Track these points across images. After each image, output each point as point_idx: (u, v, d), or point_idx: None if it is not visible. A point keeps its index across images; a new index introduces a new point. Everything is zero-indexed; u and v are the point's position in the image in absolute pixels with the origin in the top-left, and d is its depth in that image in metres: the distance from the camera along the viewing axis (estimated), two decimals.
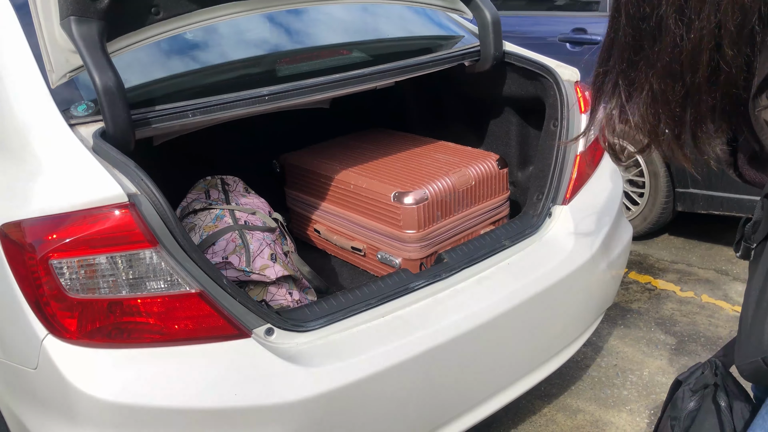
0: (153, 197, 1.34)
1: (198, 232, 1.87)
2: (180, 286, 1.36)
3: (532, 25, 4.10)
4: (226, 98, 1.66)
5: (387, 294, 1.62)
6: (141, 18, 1.56)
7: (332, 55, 2.08)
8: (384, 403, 1.55)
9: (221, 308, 1.39)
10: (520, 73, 2.20)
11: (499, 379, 1.80)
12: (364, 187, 2.09)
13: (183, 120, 1.61)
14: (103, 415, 1.34)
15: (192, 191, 2.10)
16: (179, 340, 1.37)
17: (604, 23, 1.03)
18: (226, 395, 1.36)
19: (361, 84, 1.88)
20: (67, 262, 1.30)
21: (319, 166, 2.28)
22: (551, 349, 1.94)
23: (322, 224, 2.31)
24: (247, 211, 1.98)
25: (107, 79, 1.42)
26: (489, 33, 2.12)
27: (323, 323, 1.52)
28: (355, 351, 1.51)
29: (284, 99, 1.74)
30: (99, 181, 1.34)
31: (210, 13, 1.66)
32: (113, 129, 1.46)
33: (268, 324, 1.45)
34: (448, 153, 2.25)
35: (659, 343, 2.65)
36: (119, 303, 1.34)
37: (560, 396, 2.37)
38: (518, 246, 1.87)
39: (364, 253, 2.15)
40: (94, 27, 1.44)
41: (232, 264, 1.77)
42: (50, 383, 1.36)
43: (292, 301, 1.82)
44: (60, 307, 1.32)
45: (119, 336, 1.35)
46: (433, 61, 2.06)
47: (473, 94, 2.50)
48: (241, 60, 1.98)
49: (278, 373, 1.41)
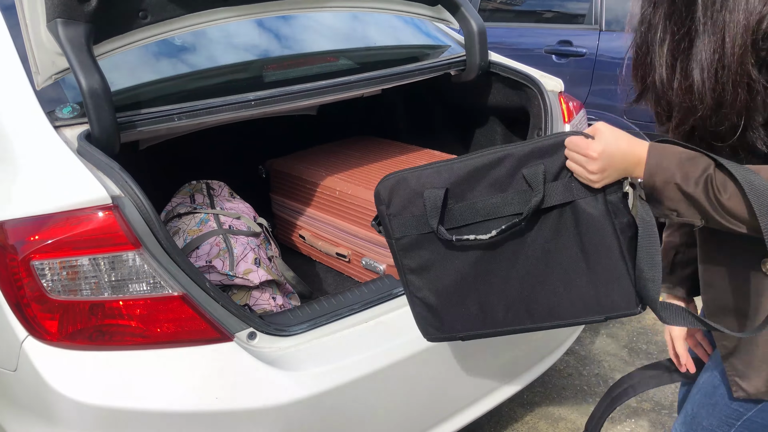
0: (137, 199, 1.34)
1: (182, 236, 1.86)
2: (163, 289, 1.36)
3: (518, 37, 4.15)
4: (213, 103, 1.67)
5: (370, 299, 1.63)
6: (128, 21, 1.56)
7: (319, 61, 2.09)
8: (366, 408, 1.55)
9: (204, 312, 1.39)
10: (505, 83, 2.22)
11: (481, 385, 1.81)
12: (349, 193, 2.10)
13: (169, 124, 1.61)
14: (84, 419, 1.33)
15: (177, 195, 2.10)
16: (161, 343, 1.37)
17: (589, 36, 1.07)
18: (208, 399, 1.36)
19: (348, 91, 1.90)
20: (49, 264, 1.29)
21: (305, 172, 2.29)
22: (533, 356, 1.95)
23: (307, 230, 2.31)
24: (232, 215, 1.99)
25: (93, 82, 1.42)
26: (475, 43, 2.14)
27: (306, 328, 1.53)
28: (338, 356, 1.52)
29: (271, 105, 1.75)
30: (83, 182, 1.33)
31: (198, 18, 1.67)
32: (98, 131, 1.46)
33: (251, 328, 1.45)
34: (434, 161, 2.26)
35: (641, 353, 2.68)
36: (101, 305, 1.34)
37: (542, 404, 2.39)
38: None
39: (348, 259, 2.16)
40: (81, 29, 1.44)
41: (215, 268, 1.77)
42: (30, 386, 1.35)
43: (275, 306, 1.82)
44: (41, 308, 1.32)
45: (101, 338, 1.34)
46: (420, 70, 2.08)
47: (459, 103, 2.52)
48: (229, 65, 1.99)
49: (260, 377, 1.41)
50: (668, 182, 0.99)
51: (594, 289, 1.19)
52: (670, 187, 0.99)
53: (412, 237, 1.27)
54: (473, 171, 1.19)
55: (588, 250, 1.17)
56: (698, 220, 1.00)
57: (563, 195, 1.14)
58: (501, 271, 1.24)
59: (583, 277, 1.19)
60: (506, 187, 1.18)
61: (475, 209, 1.21)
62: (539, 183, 1.14)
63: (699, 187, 0.96)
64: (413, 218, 1.26)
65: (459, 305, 1.30)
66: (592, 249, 1.17)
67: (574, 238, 1.17)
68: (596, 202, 1.12)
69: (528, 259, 1.21)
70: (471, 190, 1.21)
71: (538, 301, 1.23)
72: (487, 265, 1.24)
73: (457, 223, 1.22)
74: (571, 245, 1.18)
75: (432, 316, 1.36)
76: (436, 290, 1.31)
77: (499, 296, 1.25)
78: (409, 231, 1.26)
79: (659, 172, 1.00)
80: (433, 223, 1.22)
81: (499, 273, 1.24)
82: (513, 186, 1.18)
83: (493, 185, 1.19)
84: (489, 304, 1.27)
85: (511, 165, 1.17)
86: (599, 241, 1.15)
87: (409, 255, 1.30)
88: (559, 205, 1.16)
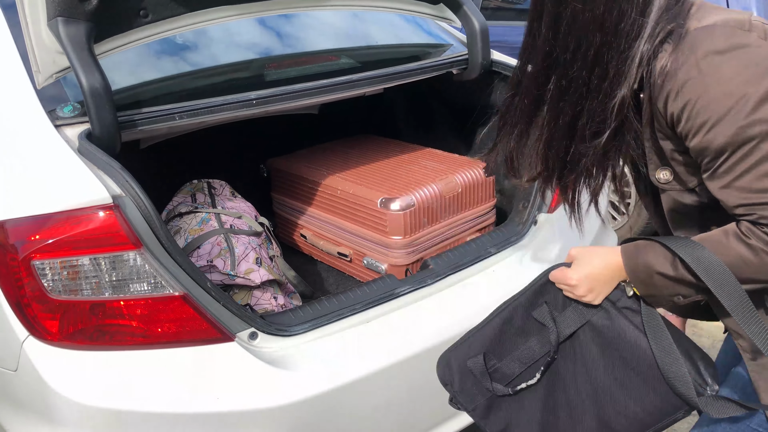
0: (138, 199, 1.33)
1: (183, 236, 1.86)
2: (164, 289, 1.35)
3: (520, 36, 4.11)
4: (214, 102, 1.66)
5: (372, 299, 1.63)
6: (129, 20, 1.56)
7: (321, 60, 2.08)
8: (367, 408, 1.55)
9: (205, 311, 1.38)
10: (507, 82, 2.21)
11: None
12: (351, 192, 2.09)
13: (170, 123, 1.61)
14: (84, 419, 1.33)
15: (178, 194, 2.10)
16: (162, 343, 1.37)
17: None
18: (209, 399, 1.36)
19: (350, 90, 1.89)
20: (50, 263, 1.29)
21: (306, 171, 2.28)
22: None
23: (309, 229, 2.31)
24: (233, 215, 1.98)
25: (94, 81, 1.42)
26: (477, 42, 2.13)
27: (308, 328, 1.52)
28: (339, 356, 1.51)
29: (272, 104, 1.74)
30: (83, 182, 1.33)
31: (198, 16, 1.66)
32: (99, 130, 1.45)
33: (252, 328, 1.44)
34: (436, 160, 2.26)
35: None
36: (102, 305, 1.33)
37: None
38: (504, 253, 1.88)
39: (350, 259, 2.15)
40: (82, 28, 1.44)
41: (216, 267, 1.76)
42: (30, 386, 1.35)
43: (276, 306, 1.81)
44: (42, 308, 1.31)
45: (101, 338, 1.34)
46: (422, 69, 2.07)
47: (461, 102, 2.52)
48: (230, 64, 1.99)
49: (262, 377, 1.41)
50: (651, 275, 1.03)
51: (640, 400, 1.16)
52: (656, 278, 1.03)
53: (481, 404, 1.33)
54: (498, 331, 1.28)
55: (618, 363, 1.17)
56: (701, 296, 1.02)
57: (577, 320, 1.19)
58: (563, 405, 1.26)
59: (624, 390, 1.18)
60: (530, 332, 1.25)
61: (518, 360, 1.27)
62: (549, 320, 1.20)
63: (678, 267, 1.00)
64: (473, 387, 1.32)
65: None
66: (622, 360, 1.16)
67: (603, 356, 1.18)
68: (607, 313, 1.15)
69: (578, 385, 1.23)
70: (504, 346, 1.28)
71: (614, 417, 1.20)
72: (550, 405, 1.28)
73: (509, 378, 1.29)
74: (604, 363, 1.19)
75: None
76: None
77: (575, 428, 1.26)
78: (477, 400, 1.33)
79: (640, 270, 1.05)
80: (487, 384, 1.29)
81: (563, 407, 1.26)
82: (533, 328, 1.24)
83: (519, 334, 1.26)
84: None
85: (523, 313, 1.25)
86: (625, 346, 1.15)
87: (489, 421, 1.34)
88: (581, 329, 1.19)
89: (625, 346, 1.15)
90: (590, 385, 1.22)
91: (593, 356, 1.20)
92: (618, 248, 1.09)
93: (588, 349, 1.20)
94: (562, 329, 1.20)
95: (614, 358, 1.17)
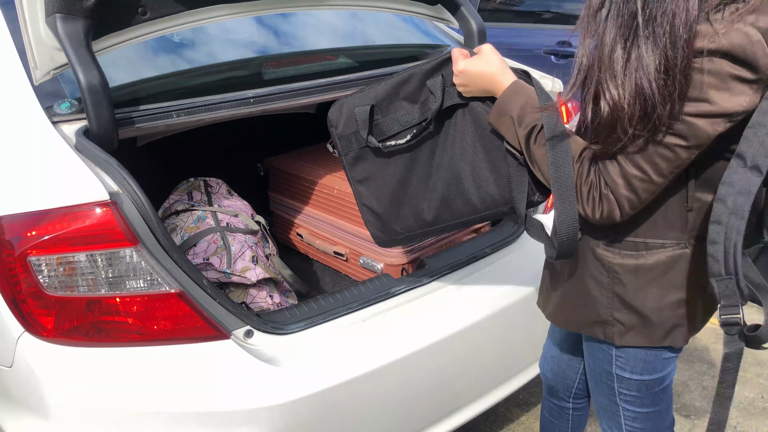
0: (135, 196, 1.33)
1: (179, 233, 1.86)
2: (160, 286, 1.35)
3: (517, 37, 4.14)
4: (211, 100, 1.66)
5: (367, 298, 1.63)
6: (128, 17, 1.55)
7: (319, 59, 2.08)
8: (362, 407, 1.55)
9: (201, 309, 1.38)
10: None
11: (478, 385, 1.81)
12: (347, 191, 2.09)
13: (167, 120, 1.61)
14: (79, 416, 1.33)
15: (174, 192, 2.10)
16: (158, 340, 1.37)
17: None
18: (204, 397, 1.36)
19: (347, 89, 1.89)
20: (46, 260, 1.29)
21: (303, 171, 2.29)
22: (531, 356, 1.95)
23: (305, 228, 2.31)
24: (230, 213, 1.98)
25: (92, 78, 1.42)
26: (475, 43, 2.13)
27: (303, 326, 1.53)
28: (335, 354, 1.52)
29: (269, 102, 1.74)
30: (80, 179, 1.33)
31: (197, 15, 1.66)
32: (96, 127, 1.45)
33: (248, 326, 1.44)
34: None
35: None
36: (98, 302, 1.33)
37: (538, 404, 2.39)
38: (499, 254, 1.88)
39: (346, 258, 2.15)
40: (80, 25, 1.43)
41: (213, 265, 1.77)
42: (25, 382, 1.35)
43: (272, 304, 1.82)
44: (37, 304, 1.31)
45: (97, 335, 1.34)
46: None
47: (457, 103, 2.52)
48: (228, 62, 1.99)
49: (257, 375, 1.41)
50: (506, 114, 1.19)
51: (496, 183, 1.32)
52: (506, 118, 1.19)
53: (354, 151, 1.49)
54: (391, 89, 1.41)
55: (488, 147, 1.31)
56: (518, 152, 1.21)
57: (460, 96, 1.32)
58: (422, 175, 1.43)
59: (487, 172, 1.32)
60: (417, 99, 1.39)
61: (398, 121, 1.41)
62: (438, 90, 1.33)
63: (523, 129, 1.15)
64: (353, 134, 1.48)
65: (396, 208, 1.51)
66: (491, 146, 1.31)
67: (475, 137, 1.33)
68: (486, 105, 1.28)
69: (443, 161, 1.39)
70: (392, 105, 1.42)
71: (454, 198, 1.39)
72: (411, 170, 1.44)
73: (385, 135, 1.44)
74: (475, 144, 1.33)
75: (376, 221, 1.56)
76: (377, 197, 1.52)
77: (423, 197, 1.44)
78: (351, 146, 1.49)
79: (506, 103, 1.19)
80: (363, 134, 1.44)
81: (421, 176, 1.44)
82: (422, 97, 1.38)
83: (408, 99, 1.40)
84: (418, 206, 1.46)
85: (419, 79, 1.38)
86: (492, 137, 1.29)
87: (354, 168, 1.52)
88: (461, 108, 1.33)
89: (491, 137, 1.29)
90: (449, 163, 1.37)
91: (463, 137, 1.34)
92: (513, 77, 1.21)
93: (460, 130, 1.35)
94: (446, 100, 1.34)
95: (477, 144, 1.33)
